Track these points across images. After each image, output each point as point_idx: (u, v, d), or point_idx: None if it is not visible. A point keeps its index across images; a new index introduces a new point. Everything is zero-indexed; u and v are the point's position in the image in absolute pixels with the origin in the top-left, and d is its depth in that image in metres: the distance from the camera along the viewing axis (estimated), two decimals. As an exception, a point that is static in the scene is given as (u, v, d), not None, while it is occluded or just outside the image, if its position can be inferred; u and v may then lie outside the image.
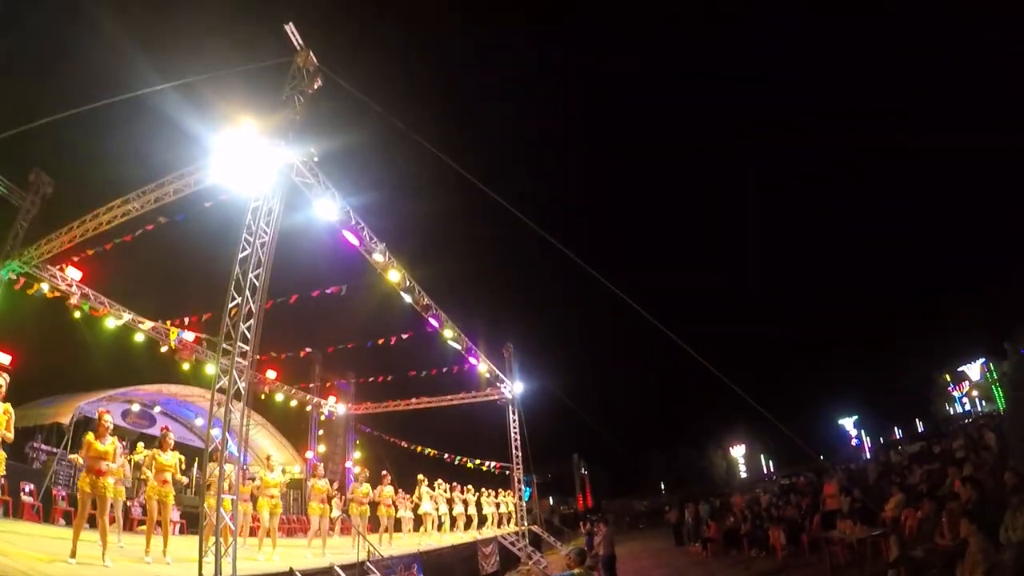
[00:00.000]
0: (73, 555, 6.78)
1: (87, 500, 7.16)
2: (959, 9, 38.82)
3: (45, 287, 14.77)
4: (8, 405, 6.43)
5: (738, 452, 63.84)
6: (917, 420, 48.02)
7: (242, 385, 7.94)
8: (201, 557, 7.04)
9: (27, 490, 12.79)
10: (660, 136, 73.65)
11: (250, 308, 8.18)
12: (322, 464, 14.39)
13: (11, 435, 6.49)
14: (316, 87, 9.81)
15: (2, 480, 11.83)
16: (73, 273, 14.93)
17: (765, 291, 63.79)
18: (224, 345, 7.95)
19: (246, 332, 8.08)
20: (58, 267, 14.78)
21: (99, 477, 7.24)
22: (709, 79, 68.40)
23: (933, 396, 48.23)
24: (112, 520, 8.95)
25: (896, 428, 48.45)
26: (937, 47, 44.62)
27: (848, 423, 52.82)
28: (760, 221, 71.03)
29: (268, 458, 11.66)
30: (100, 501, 7.25)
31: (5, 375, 6.57)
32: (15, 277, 14.65)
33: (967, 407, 43.58)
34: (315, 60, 9.80)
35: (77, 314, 15.22)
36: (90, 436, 7.41)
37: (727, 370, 11.00)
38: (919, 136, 47.12)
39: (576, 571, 7.04)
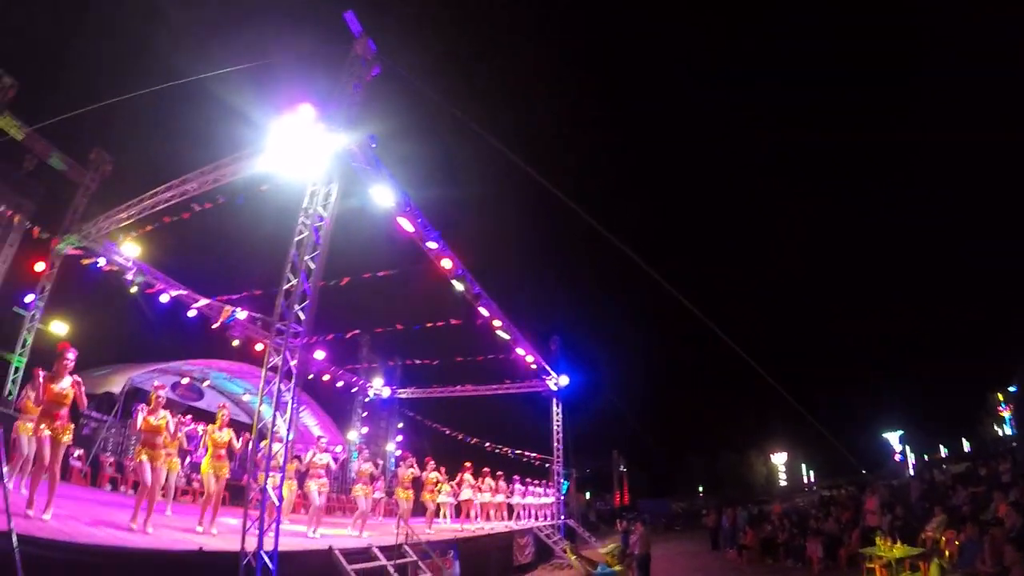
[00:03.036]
0: (135, 520, 7.09)
1: (146, 470, 7.44)
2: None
3: (102, 261, 15.26)
4: (76, 378, 6.69)
5: (779, 459, 62.35)
6: (963, 439, 46.43)
7: (293, 365, 8.07)
8: (244, 531, 7.16)
9: (76, 455, 13.20)
10: (720, 131, 71.72)
11: (304, 290, 8.32)
12: (367, 447, 14.54)
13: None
14: (374, 75, 9.92)
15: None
16: (130, 249, 15.38)
17: (817, 296, 62.36)
18: (278, 325, 8.10)
19: (300, 313, 8.22)
20: (115, 242, 15.24)
21: (154, 450, 7.57)
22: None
23: (982, 415, 46.52)
24: (165, 491, 9.25)
25: (941, 446, 46.92)
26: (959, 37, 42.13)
27: (893, 437, 51.21)
28: (815, 227, 68.51)
29: (319, 439, 11.84)
30: (153, 473, 7.51)
31: (73, 351, 6.82)
32: (74, 251, 15.20)
33: (1016, 429, 41.97)
34: (373, 48, 9.89)
35: (133, 289, 15.66)
36: (143, 411, 7.72)
37: (775, 375, 10.78)
38: (980, 131, 44.73)
39: (616, 568, 7.01)
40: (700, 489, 60.75)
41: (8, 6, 17.57)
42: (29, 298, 15.48)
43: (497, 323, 17.26)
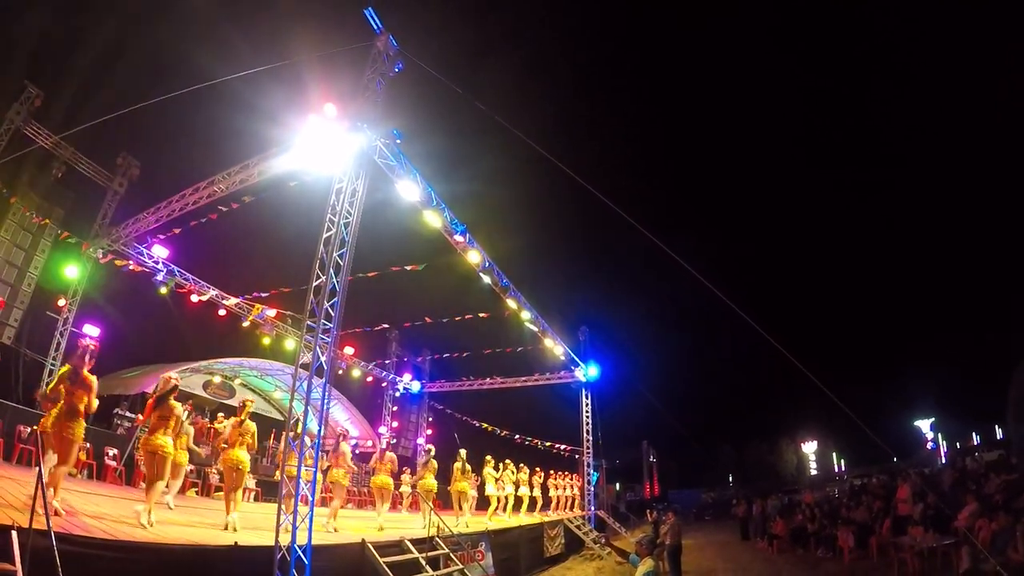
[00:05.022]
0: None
1: (160, 462, 7.32)
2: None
3: (132, 264, 15.54)
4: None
5: (809, 448, 61.35)
6: (996, 426, 45.48)
7: (324, 361, 8.16)
8: (278, 525, 7.23)
9: (111, 454, 13.42)
10: (743, 107, 70.33)
11: (333, 286, 8.40)
12: (389, 439, 14.51)
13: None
14: (396, 70, 9.96)
15: (87, 445, 12.54)
16: (159, 251, 15.65)
17: (848, 283, 61.34)
18: (308, 322, 8.18)
19: (329, 310, 8.29)
20: (145, 245, 15.51)
21: (165, 436, 7.43)
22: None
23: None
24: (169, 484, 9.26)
25: (974, 433, 45.95)
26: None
27: (924, 425, 50.25)
28: (844, 209, 67.00)
29: (344, 433, 11.89)
30: (159, 460, 7.34)
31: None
32: (104, 255, 15.49)
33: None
34: (395, 44, 9.93)
35: (163, 290, 15.92)
36: (152, 400, 7.48)
37: (805, 364, 10.62)
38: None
39: (648, 562, 6.91)
40: (730, 479, 60.56)
41: (30, 16, 17.86)
42: (61, 302, 15.80)
43: (525, 315, 17.26)
